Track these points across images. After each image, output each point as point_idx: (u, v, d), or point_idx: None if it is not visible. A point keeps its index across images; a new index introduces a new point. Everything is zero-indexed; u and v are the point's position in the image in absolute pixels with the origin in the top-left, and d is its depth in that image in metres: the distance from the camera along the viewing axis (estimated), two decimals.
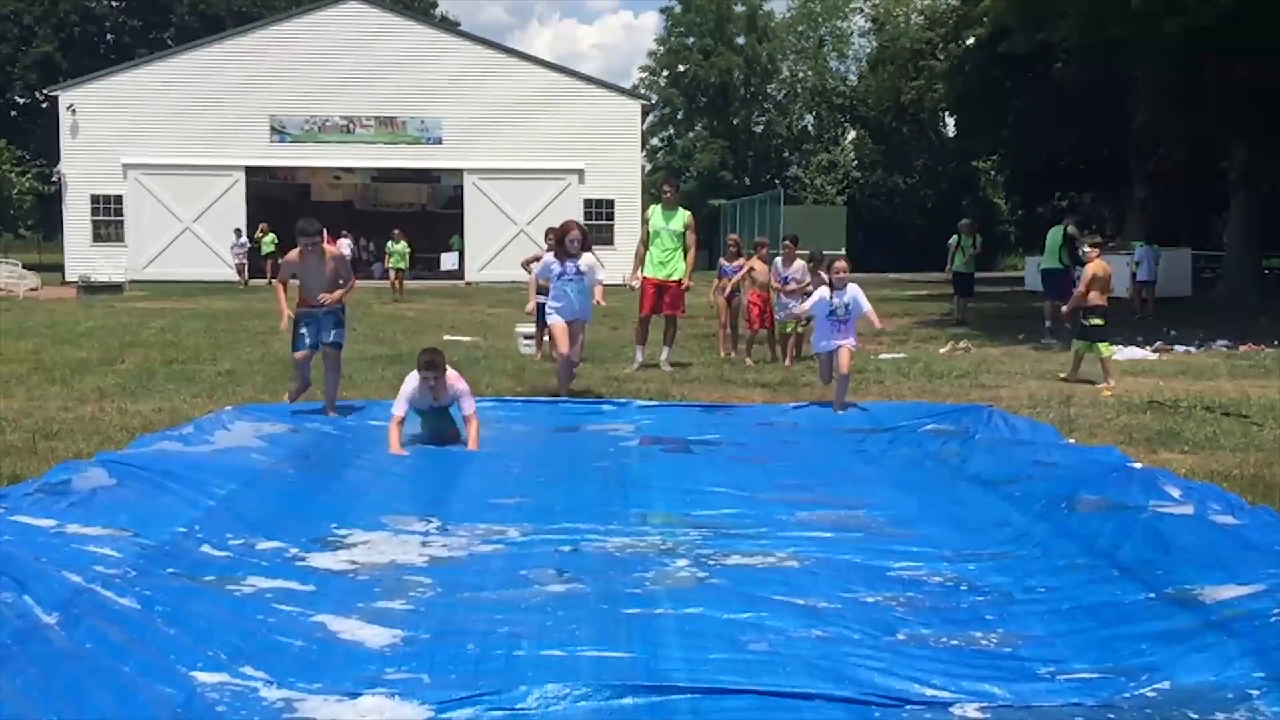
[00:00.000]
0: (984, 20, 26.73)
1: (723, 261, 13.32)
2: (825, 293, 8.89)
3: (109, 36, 52.32)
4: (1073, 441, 7.10)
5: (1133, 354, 13.15)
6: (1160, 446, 7.30)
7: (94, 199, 32.72)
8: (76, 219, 32.94)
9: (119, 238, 32.70)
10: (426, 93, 32.75)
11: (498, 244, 32.38)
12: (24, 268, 29.21)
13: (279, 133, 33.04)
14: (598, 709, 3.08)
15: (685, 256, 11.85)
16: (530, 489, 5.93)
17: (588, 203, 33.01)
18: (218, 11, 50.09)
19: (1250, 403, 9.11)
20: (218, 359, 12.22)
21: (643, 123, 36.42)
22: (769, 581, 4.29)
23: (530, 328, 13.09)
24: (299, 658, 3.48)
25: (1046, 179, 37.99)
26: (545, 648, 3.52)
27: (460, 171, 33.34)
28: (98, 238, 32.77)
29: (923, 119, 48.69)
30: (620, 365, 11.64)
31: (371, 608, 4.00)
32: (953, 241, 19.24)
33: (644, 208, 20.89)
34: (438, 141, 33.30)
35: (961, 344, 14.32)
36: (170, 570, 4.21)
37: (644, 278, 11.80)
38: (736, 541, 4.90)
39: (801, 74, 58.99)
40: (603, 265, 10.18)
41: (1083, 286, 10.88)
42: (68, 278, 30.50)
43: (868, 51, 55.29)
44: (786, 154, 59.04)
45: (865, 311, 8.97)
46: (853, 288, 8.84)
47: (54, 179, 34.89)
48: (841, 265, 8.98)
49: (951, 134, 47.72)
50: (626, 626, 3.72)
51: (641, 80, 59.13)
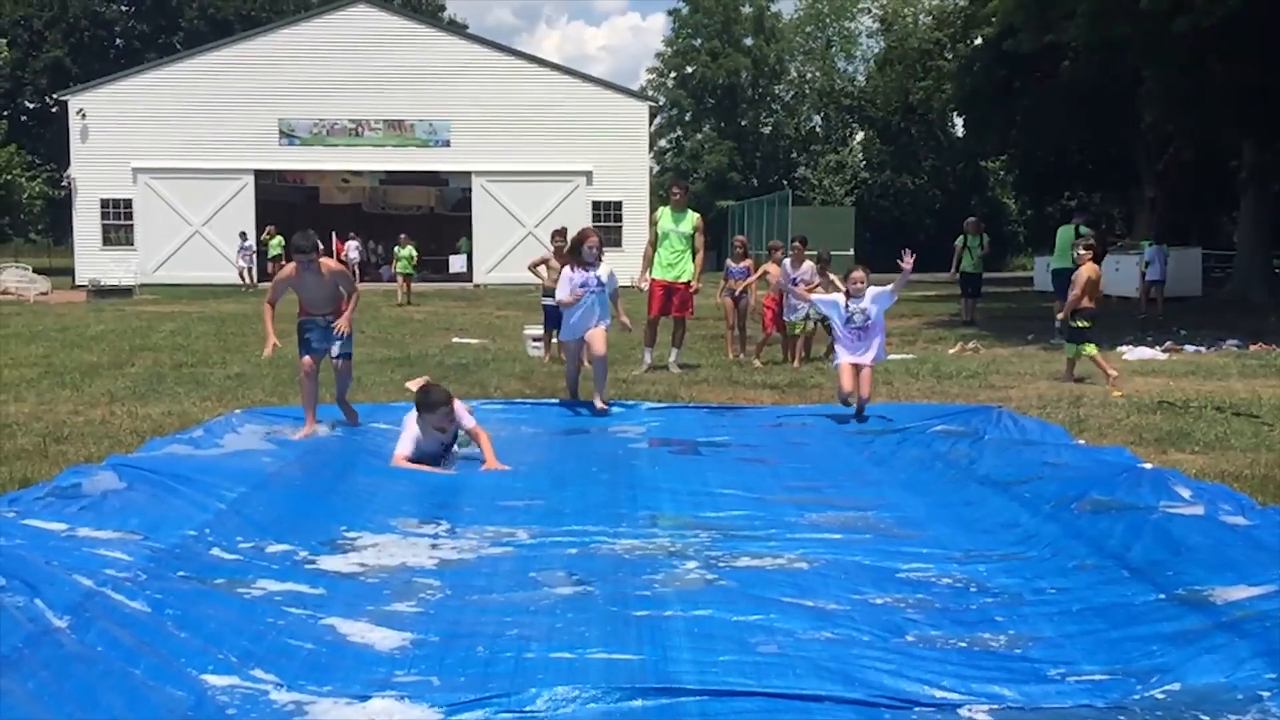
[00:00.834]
0: (992, 20, 26.71)
1: (729, 263, 13.34)
2: (840, 298, 8.71)
3: (118, 41, 52.53)
4: (1082, 442, 7.08)
5: (1143, 354, 13.11)
6: (1170, 447, 7.28)
7: (104, 203, 32.86)
8: (86, 223, 33.08)
9: (129, 241, 32.84)
10: (434, 95, 32.81)
11: (506, 246, 32.43)
12: (34, 272, 29.33)
13: (287, 136, 33.13)
14: (607, 711, 3.08)
15: (694, 259, 11.86)
16: (539, 491, 5.93)
17: (595, 205, 33.05)
18: (226, 16, 50.30)
19: (1261, 403, 9.08)
20: (227, 362, 12.25)
21: (650, 124, 36.48)
22: (778, 583, 4.29)
23: (538, 330, 13.12)
24: (309, 660, 3.49)
25: (1055, 179, 37.93)
26: (554, 650, 3.52)
27: (468, 174, 33.40)
28: (107, 242, 32.90)
29: (931, 119, 48.66)
30: (629, 367, 11.64)
31: (381, 610, 4.00)
32: (959, 242, 18.84)
33: (652, 209, 20.87)
34: (445, 144, 33.36)
35: (970, 344, 14.30)
36: (180, 573, 4.22)
37: (652, 280, 11.81)
38: (745, 543, 4.89)
39: (809, 75, 59.03)
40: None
41: (1077, 290, 10.85)
42: (78, 282, 30.62)
43: (875, 52, 55.31)
44: (794, 155, 59.08)
45: (890, 301, 8.62)
46: (871, 293, 8.48)
47: (64, 183, 35.04)
48: (859, 275, 8.61)
49: (960, 134, 47.66)
50: (635, 628, 3.72)
51: (649, 82, 59.28)
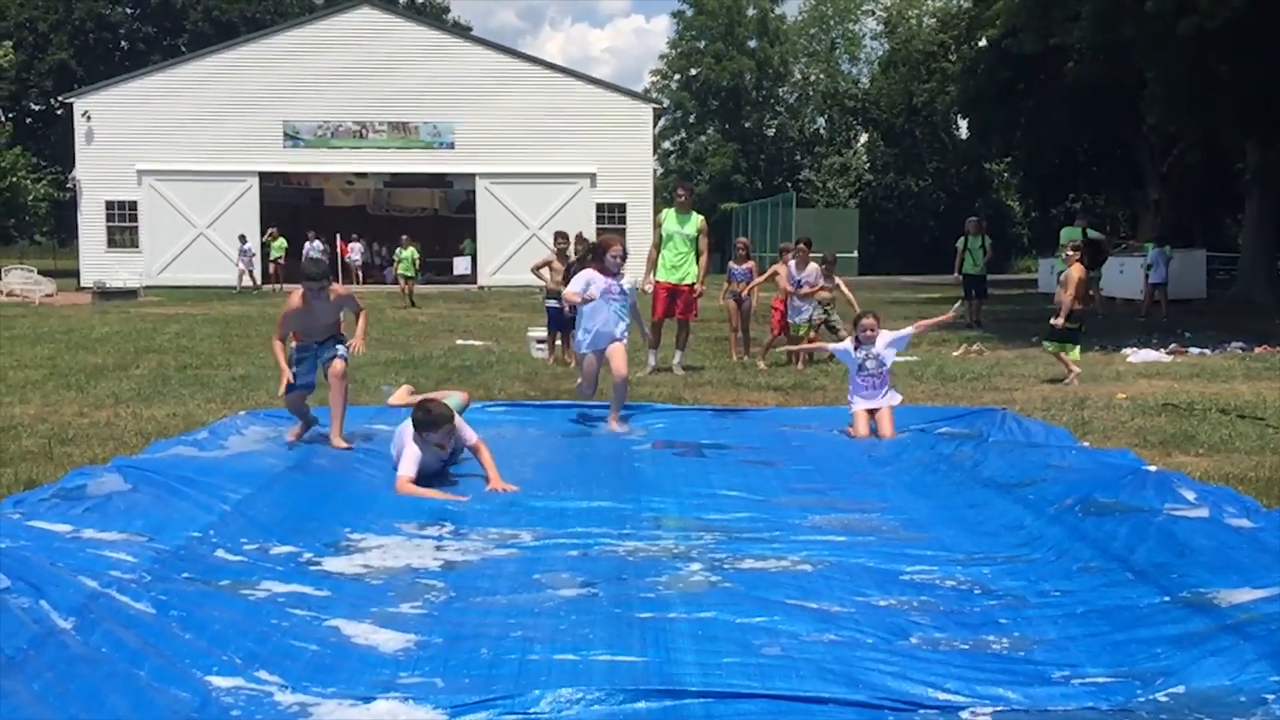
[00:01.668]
0: (996, 22, 26.70)
1: (732, 265, 13.32)
2: (850, 344, 8.31)
3: (123, 43, 52.62)
4: (1087, 444, 7.08)
5: (1147, 356, 13.09)
6: (1175, 449, 7.27)
7: (109, 205, 32.90)
8: (91, 225, 33.13)
9: (133, 244, 32.88)
10: (439, 98, 32.83)
11: (510, 248, 32.46)
12: (39, 274, 29.38)
13: (292, 138, 33.16)
14: (611, 713, 3.08)
15: (698, 261, 11.87)
16: (543, 493, 5.93)
17: (599, 207, 33.06)
18: (231, 18, 50.37)
19: (1266, 405, 9.06)
20: (232, 364, 12.27)
21: (654, 126, 36.46)
22: (782, 585, 4.29)
23: (542, 332, 13.13)
24: (313, 662, 3.49)
25: (1060, 181, 37.92)
26: (558, 652, 3.52)
27: (472, 176, 33.41)
28: (112, 244, 32.93)
29: (935, 121, 48.66)
30: (633, 369, 11.63)
31: (385, 612, 4.01)
32: (960, 243, 18.44)
33: (656, 212, 20.89)
34: (450, 146, 33.38)
35: (975, 346, 14.29)
36: (185, 575, 4.23)
37: (656, 282, 11.82)
38: (749, 545, 4.90)
39: (813, 77, 59.00)
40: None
41: (1073, 290, 10.84)
42: (83, 283, 30.67)
43: (880, 54, 55.33)
44: (798, 157, 59.05)
45: (904, 344, 8.43)
46: (884, 338, 8.12)
47: (69, 185, 35.05)
48: (869, 323, 8.18)
49: (964, 136, 47.63)
50: (639, 630, 3.72)
51: (653, 84, 59.30)
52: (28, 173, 35.80)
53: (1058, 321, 10.87)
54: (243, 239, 30.96)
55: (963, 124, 45.97)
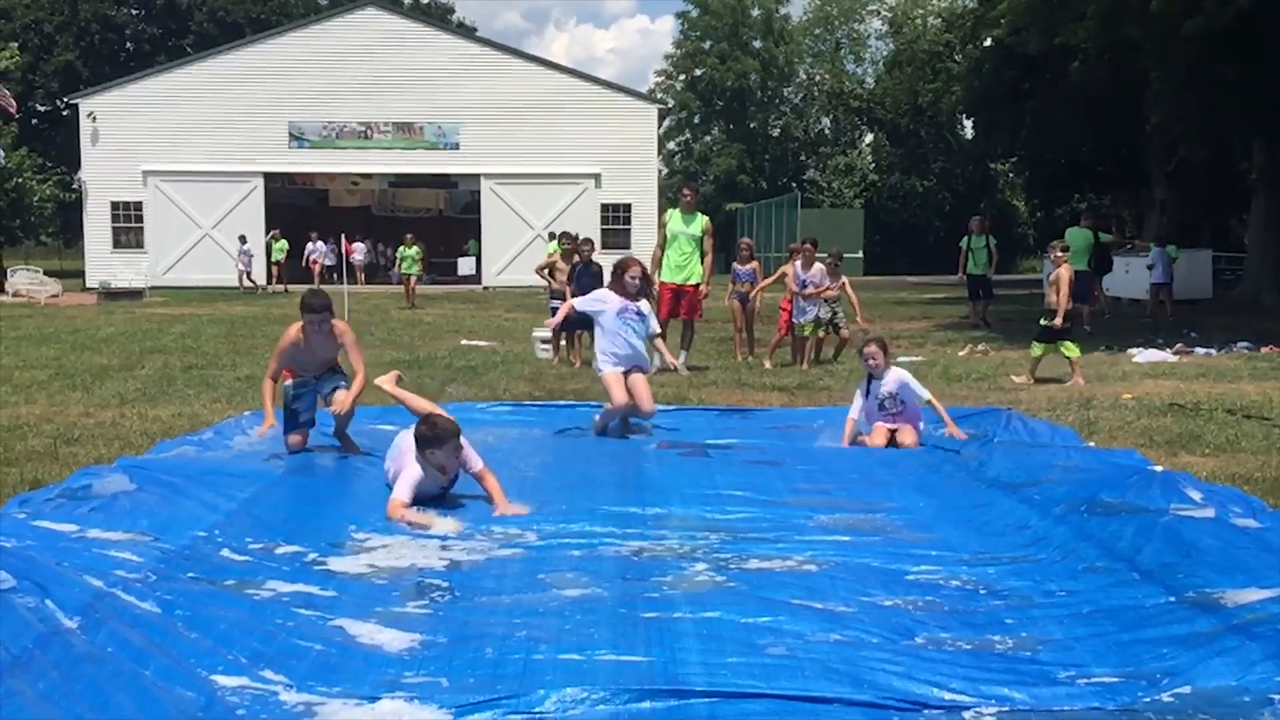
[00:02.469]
0: (1001, 22, 26.67)
1: (736, 266, 13.28)
2: (859, 395, 7.57)
3: (129, 45, 52.75)
4: (1092, 444, 7.07)
5: (1153, 356, 13.07)
6: (1181, 449, 7.26)
7: (114, 206, 32.97)
8: (97, 226, 33.20)
9: (139, 244, 32.95)
10: (443, 98, 32.85)
11: (514, 249, 32.48)
12: (45, 274, 29.45)
13: (297, 139, 33.21)
14: (616, 713, 3.08)
15: (703, 261, 11.86)
16: (547, 493, 5.93)
17: (604, 207, 33.08)
18: (236, 19, 50.46)
19: (1272, 405, 9.04)
20: (237, 364, 12.29)
21: (659, 127, 36.45)
22: (787, 585, 4.28)
23: (547, 332, 13.13)
24: (318, 661, 3.49)
25: (1065, 181, 37.86)
26: (563, 651, 3.52)
27: (477, 176, 33.44)
28: (118, 244, 33.00)
29: (940, 121, 48.57)
30: None
31: (390, 611, 4.01)
32: (964, 243, 18.27)
33: (660, 212, 20.88)
34: (455, 147, 33.40)
35: (980, 347, 14.27)
36: (190, 574, 4.23)
37: (661, 282, 11.81)
38: (754, 545, 4.89)
39: (818, 77, 58.98)
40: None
41: (1066, 290, 10.83)
42: (88, 284, 30.73)
43: (885, 54, 55.29)
44: (803, 157, 59.05)
45: (924, 399, 7.46)
46: (898, 378, 7.42)
47: (74, 186, 35.14)
48: (873, 350, 7.48)
49: (969, 136, 47.61)
50: (644, 630, 3.72)
51: (658, 84, 59.33)
52: (33, 174, 35.85)
53: (1056, 322, 10.85)
54: (242, 239, 30.92)
55: (968, 124, 45.99)
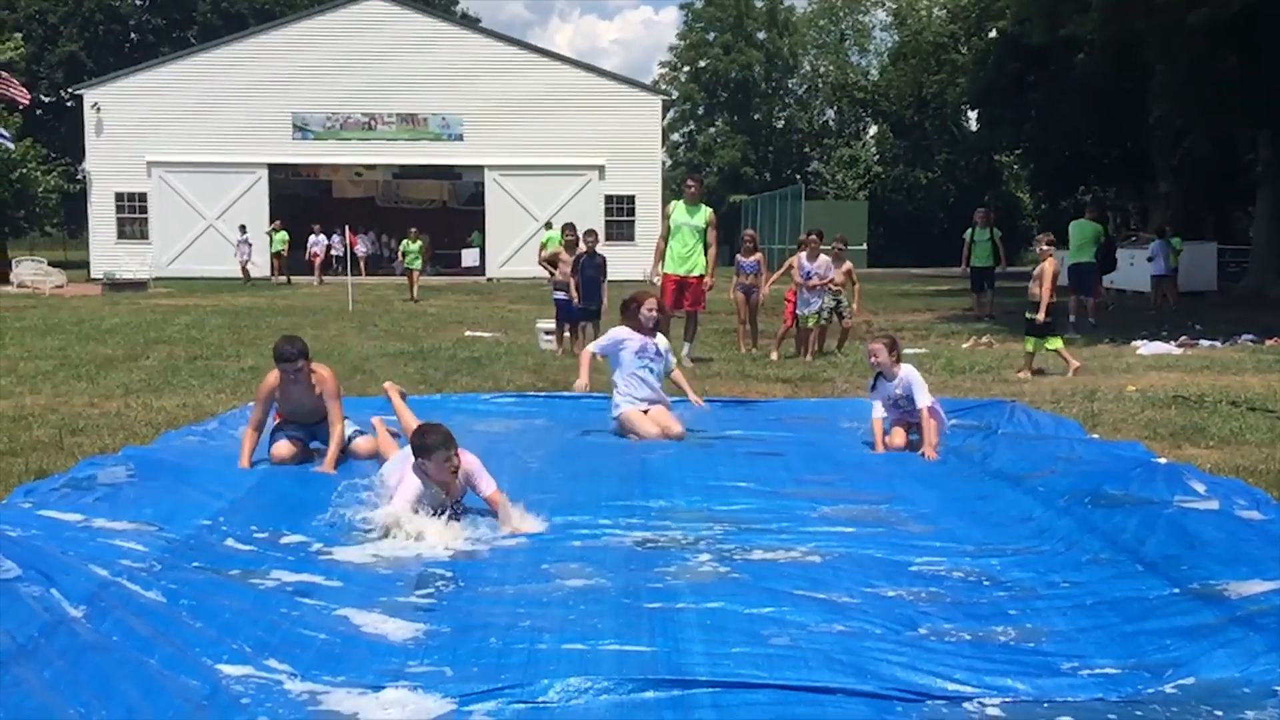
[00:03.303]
0: (1006, 13, 26.62)
1: (740, 258, 13.24)
2: (877, 400, 7.14)
3: (133, 35, 52.72)
4: (1097, 436, 7.07)
5: (1157, 349, 13.05)
6: (1185, 442, 7.25)
7: (118, 196, 32.97)
8: (101, 216, 33.21)
9: (143, 235, 32.95)
10: (447, 89, 32.82)
11: (518, 240, 32.44)
12: (49, 265, 29.47)
13: (301, 130, 33.19)
14: (619, 702, 3.09)
15: (707, 253, 11.84)
16: (551, 484, 5.93)
17: (608, 199, 33.06)
18: (240, 10, 50.38)
19: (1277, 397, 9.03)
20: (241, 355, 12.30)
21: (663, 118, 36.41)
22: (791, 576, 4.29)
23: (550, 324, 13.13)
24: (322, 651, 3.50)
25: (1070, 173, 37.78)
26: (567, 641, 3.53)
27: (481, 168, 33.43)
28: (122, 235, 33.00)
29: (945, 113, 48.51)
30: None
31: (394, 602, 4.02)
32: (967, 235, 18.15)
33: (664, 204, 20.87)
34: (459, 138, 33.38)
35: (984, 339, 14.26)
36: (195, 564, 4.25)
37: (664, 274, 11.81)
38: (758, 536, 4.89)
39: (822, 69, 58.82)
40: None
41: (1049, 284, 10.79)
42: (93, 275, 30.75)
43: (889, 46, 55.16)
44: (807, 149, 58.91)
45: (921, 405, 6.88)
46: (910, 380, 6.97)
47: (79, 177, 35.12)
48: (877, 348, 7.10)
49: (974, 128, 47.48)
50: (648, 620, 3.72)
51: (662, 76, 59.13)
52: (38, 164, 35.85)
53: (1038, 317, 10.81)
54: (242, 229, 30.87)
55: (972, 116, 45.86)
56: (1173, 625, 3.67)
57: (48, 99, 50.92)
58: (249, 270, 30.18)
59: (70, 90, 36.16)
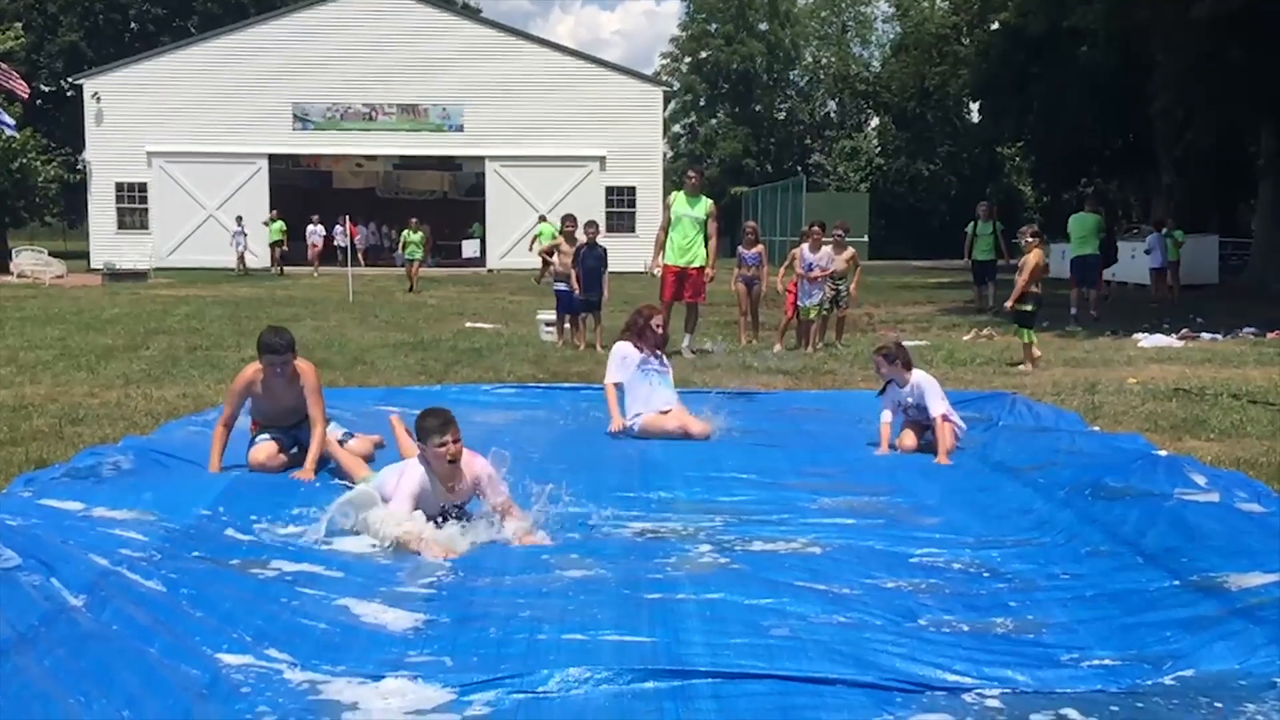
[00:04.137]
0: (1008, 4, 26.55)
1: (741, 249, 13.22)
2: (888, 403, 6.96)
3: (133, 25, 52.52)
4: (1097, 429, 7.07)
5: (1159, 341, 13.05)
6: (1186, 434, 7.25)
7: (118, 186, 32.96)
8: (101, 206, 33.20)
9: (143, 225, 32.94)
10: (448, 80, 32.76)
11: (519, 231, 32.37)
12: (49, 255, 29.44)
13: (301, 120, 33.15)
14: (619, 692, 3.09)
15: (707, 244, 11.83)
16: (552, 475, 5.91)
17: (609, 190, 33.01)
18: (240, 0, 50.23)
19: (1277, 390, 9.03)
20: (241, 345, 12.28)
21: (664, 109, 36.34)
22: (791, 567, 4.29)
23: (551, 315, 13.12)
24: (322, 640, 3.51)
25: (1073, 165, 37.71)
26: (567, 632, 3.53)
27: (481, 159, 33.38)
28: (122, 225, 32.99)
29: (947, 105, 48.38)
30: None
31: (394, 591, 4.02)
32: (969, 228, 18.20)
33: (665, 195, 20.83)
34: (459, 129, 33.33)
35: (985, 331, 14.25)
36: (195, 553, 4.24)
37: (665, 265, 11.79)
38: (758, 527, 4.89)
39: (824, 60, 58.74)
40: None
41: (1026, 275, 10.81)
42: (93, 265, 30.73)
43: (891, 37, 55.04)
44: (809, 141, 58.86)
45: (934, 414, 6.61)
46: (921, 386, 6.73)
47: (79, 167, 35.06)
48: (878, 361, 6.98)
49: (976, 120, 47.39)
50: (648, 611, 3.72)
51: (663, 67, 59.06)
52: (38, 154, 35.80)
53: (1007, 305, 10.90)
54: (239, 220, 30.80)
55: (974, 108, 45.76)
56: (1173, 617, 3.67)
57: (48, 89, 50.78)
58: (246, 261, 30.12)
59: (70, 80, 36.09)
